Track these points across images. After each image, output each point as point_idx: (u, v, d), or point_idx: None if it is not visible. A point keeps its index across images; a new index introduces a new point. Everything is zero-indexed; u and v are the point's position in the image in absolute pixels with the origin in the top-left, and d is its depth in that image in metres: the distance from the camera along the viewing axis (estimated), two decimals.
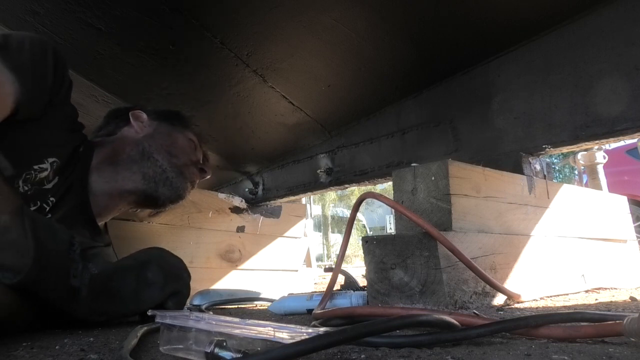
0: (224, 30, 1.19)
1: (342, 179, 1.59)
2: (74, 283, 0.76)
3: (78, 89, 1.37)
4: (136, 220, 1.48)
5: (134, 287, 0.88)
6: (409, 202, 0.95)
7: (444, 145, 1.35)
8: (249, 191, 1.86)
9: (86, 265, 0.79)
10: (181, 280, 0.99)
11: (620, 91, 1.04)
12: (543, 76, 1.17)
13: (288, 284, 1.86)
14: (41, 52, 0.87)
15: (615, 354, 0.47)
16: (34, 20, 1.13)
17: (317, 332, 0.44)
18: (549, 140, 1.15)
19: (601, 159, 3.06)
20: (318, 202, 15.34)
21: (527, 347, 0.52)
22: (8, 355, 0.60)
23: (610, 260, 1.32)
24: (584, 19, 1.11)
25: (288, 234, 1.92)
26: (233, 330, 0.47)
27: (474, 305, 0.87)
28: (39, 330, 0.79)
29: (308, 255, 4.45)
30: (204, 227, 1.65)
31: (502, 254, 0.97)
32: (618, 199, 1.47)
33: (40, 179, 0.92)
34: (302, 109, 1.49)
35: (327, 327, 0.65)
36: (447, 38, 1.21)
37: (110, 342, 0.68)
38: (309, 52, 1.28)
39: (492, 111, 1.26)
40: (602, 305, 0.92)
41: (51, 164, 0.94)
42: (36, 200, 0.92)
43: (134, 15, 1.13)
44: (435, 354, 0.51)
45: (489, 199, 1.00)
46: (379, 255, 0.90)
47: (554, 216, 1.17)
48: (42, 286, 0.72)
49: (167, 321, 0.52)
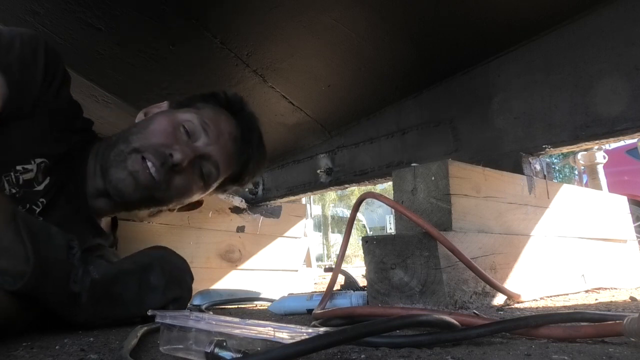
0: (224, 30, 1.19)
1: (342, 179, 1.59)
2: (74, 288, 0.75)
3: (78, 89, 1.37)
4: (136, 220, 1.48)
5: (136, 291, 0.86)
6: (409, 202, 0.95)
7: (444, 145, 1.35)
8: (249, 191, 1.86)
9: (87, 270, 0.78)
10: (184, 284, 0.97)
11: (620, 91, 1.04)
12: (543, 76, 1.17)
13: (288, 284, 1.86)
14: (31, 51, 0.85)
15: (615, 354, 0.47)
16: (34, 20, 1.13)
17: (317, 332, 0.44)
18: (549, 140, 1.15)
19: (601, 159, 3.06)
20: (318, 202, 15.35)
21: (527, 347, 0.52)
22: (8, 355, 0.60)
23: (610, 260, 1.32)
24: (584, 19, 1.11)
25: (288, 234, 1.92)
26: (233, 330, 0.47)
27: (474, 305, 0.87)
28: (39, 330, 0.79)
29: (308, 255, 4.45)
30: (204, 227, 1.65)
31: (502, 254, 0.97)
32: (618, 199, 1.47)
33: (28, 180, 0.87)
34: (302, 109, 1.49)
35: (327, 327, 0.65)
36: (447, 38, 1.21)
37: (110, 342, 0.68)
38: (309, 52, 1.27)
39: (492, 111, 1.26)
40: (602, 305, 0.92)
41: (38, 164, 0.88)
42: (25, 202, 0.87)
43: (134, 15, 1.13)
44: (435, 354, 0.51)
45: (489, 199, 1.00)
46: (379, 255, 0.90)
47: (554, 216, 1.17)
48: (42, 292, 0.71)
49: (167, 321, 0.52)
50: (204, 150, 0.97)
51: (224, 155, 1.01)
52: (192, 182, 0.99)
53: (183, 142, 0.95)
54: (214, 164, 1.00)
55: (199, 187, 1.01)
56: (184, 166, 0.93)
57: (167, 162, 0.92)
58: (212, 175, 1.01)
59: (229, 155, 1.02)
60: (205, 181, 1.01)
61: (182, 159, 0.92)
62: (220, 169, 1.01)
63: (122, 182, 0.92)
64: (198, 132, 0.97)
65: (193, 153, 0.95)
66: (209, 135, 0.98)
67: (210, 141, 0.98)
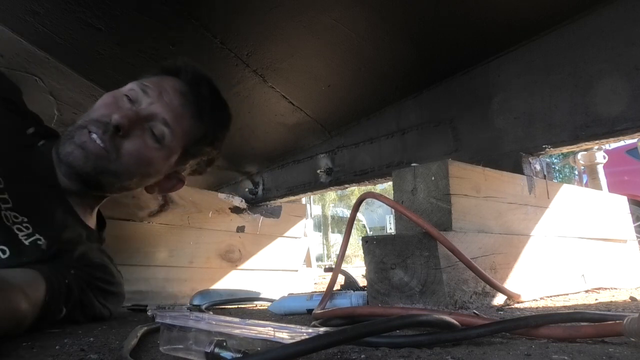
0: (224, 30, 1.19)
1: (342, 179, 1.59)
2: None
3: (78, 89, 1.38)
4: (136, 220, 1.48)
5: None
6: (409, 202, 0.95)
7: (444, 145, 1.35)
8: (249, 191, 1.86)
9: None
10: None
11: (620, 91, 1.04)
12: (543, 76, 1.17)
13: (288, 284, 1.86)
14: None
15: (615, 354, 0.47)
16: (34, 20, 1.13)
17: (317, 332, 0.44)
18: (549, 140, 1.15)
19: (601, 159, 3.06)
20: (318, 202, 15.35)
21: (527, 347, 0.52)
22: (8, 355, 0.60)
23: (610, 260, 1.32)
24: (584, 19, 1.11)
25: (288, 234, 1.92)
26: (233, 330, 0.47)
27: (474, 305, 0.87)
28: (39, 330, 0.79)
29: (308, 255, 4.45)
30: (204, 227, 1.65)
31: (502, 254, 0.97)
32: (618, 199, 1.47)
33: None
34: (302, 109, 1.49)
35: (327, 327, 0.65)
36: (447, 38, 1.21)
37: (110, 342, 0.68)
38: (309, 52, 1.28)
39: (492, 111, 1.26)
40: (602, 305, 0.92)
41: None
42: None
43: (134, 15, 1.13)
44: (435, 354, 0.51)
45: (489, 199, 1.00)
46: (379, 255, 0.90)
47: (554, 216, 1.17)
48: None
49: (167, 321, 0.52)
50: (147, 111, 0.96)
51: (171, 111, 0.98)
52: (145, 146, 0.95)
53: (125, 109, 0.94)
54: (162, 121, 0.96)
55: (155, 149, 0.97)
56: (127, 127, 0.92)
57: (109, 128, 0.91)
58: (164, 134, 0.97)
59: (176, 110, 0.99)
60: (160, 142, 0.97)
61: (121, 119, 0.91)
62: (170, 125, 0.97)
63: (72, 155, 0.92)
64: (140, 97, 0.96)
65: (135, 115, 0.94)
66: (150, 95, 0.97)
67: (153, 100, 0.96)
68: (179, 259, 1.57)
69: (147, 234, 1.50)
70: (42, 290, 0.78)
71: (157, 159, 0.99)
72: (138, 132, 0.94)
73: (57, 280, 0.83)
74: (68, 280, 0.85)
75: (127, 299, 1.41)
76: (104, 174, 0.94)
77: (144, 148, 0.95)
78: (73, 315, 0.88)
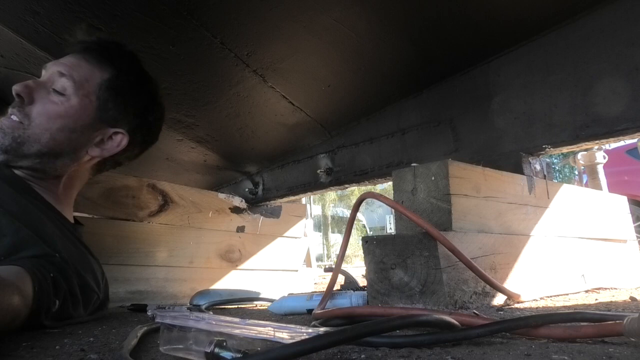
0: (224, 30, 1.19)
1: (342, 179, 1.59)
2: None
3: None
4: (136, 220, 1.48)
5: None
6: (409, 202, 0.95)
7: (444, 145, 1.35)
8: (249, 191, 1.86)
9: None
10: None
11: (620, 91, 1.04)
12: (543, 76, 1.17)
13: (288, 284, 1.87)
14: None
15: (615, 354, 0.47)
16: (34, 20, 1.13)
17: (317, 332, 0.44)
18: (549, 140, 1.15)
19: (601, 159, 3.06)
20: (318, 202, 15.35)
21: (527, 347, 0.52)
22: (8, 355, 0.60)
23: (610, 260, 1.32)
24: (584, 19, 1.11)
25: (288, 234, 1.92)
26: (233, 330, 0.47)
27: (474, 305, 0.87)
28: (39, 330, 0.79)
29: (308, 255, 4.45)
30: (204, 227, 1.65)
31: (502, 254, 0.97)
32: (618, 199, 1.47)
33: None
34: (302, 109, 1.49)
35: (327, 327, 0.65)
36: (447, 38, 1.21)
37: (110, 342, 0.68)
38: (309, 52, 1.27)
39: (492, 111, 1.26)
40: (602, 305, 0.92)
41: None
42: None
43: (134, 15, 1.13)
44: (435, 354, 0.51)
45: (489, 199, 1.00)
46: (379, 255, 0.90)
47: (554, 216, 1.17)
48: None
49: (167, 321, 0.52)
50: (45, 75, 1.02)
51: (65, 64, 1.02)
52: (50, 102, 0.99)
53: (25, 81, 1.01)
54: (58, 74, 1.01)
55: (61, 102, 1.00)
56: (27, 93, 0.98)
57: (15, 101, 0.99)
58: (65, 86, 1.00)
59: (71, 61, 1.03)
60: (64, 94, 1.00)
61: (19, 86, 0.97)
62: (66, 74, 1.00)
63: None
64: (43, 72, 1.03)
65: (34, 82, 1.00)
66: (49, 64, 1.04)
67: (50, 64, 1.03)
68: (179, 259, 1.57)
69: (147, 234, 1.50)
70: (29, 284, 0.78)
71: (69, 110, 1.01)
72: (42, 94, 1.00)
73: (41, 273, 0.82)
74: (53, 275, 0.85)
75: (127, 299, 1.42)
76: (25, 144, 0.98)
77: (50, 104, 0.99)
78: (67, 307, 0.88)
